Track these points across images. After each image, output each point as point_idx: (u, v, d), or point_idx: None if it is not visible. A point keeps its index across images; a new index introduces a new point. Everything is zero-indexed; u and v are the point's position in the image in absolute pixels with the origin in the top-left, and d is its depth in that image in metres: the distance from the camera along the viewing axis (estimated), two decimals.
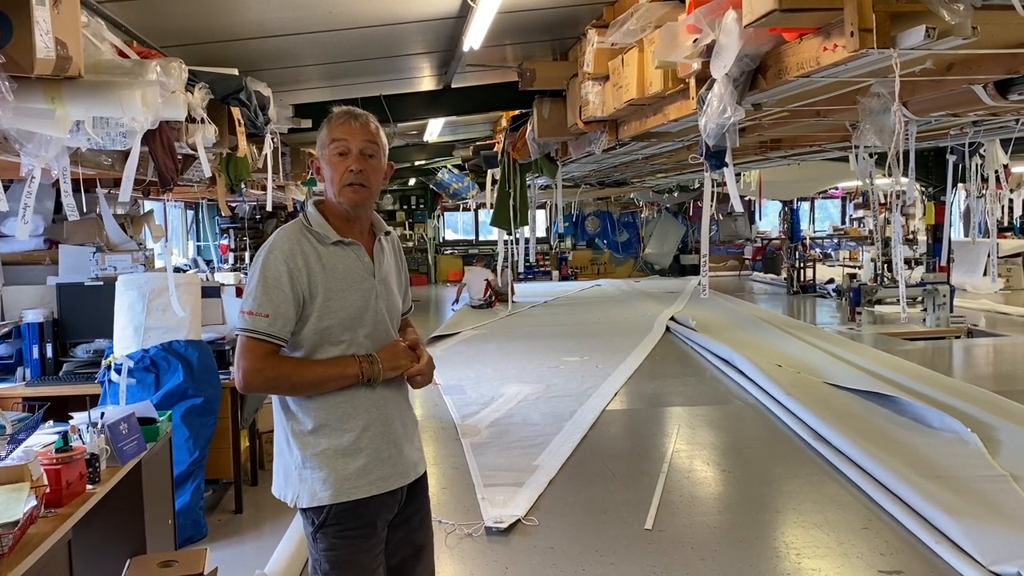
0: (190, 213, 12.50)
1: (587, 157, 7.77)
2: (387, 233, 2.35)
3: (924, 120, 5.21)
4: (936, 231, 10.96)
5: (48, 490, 2.48)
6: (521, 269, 12.38)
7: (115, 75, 2.74)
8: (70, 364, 4.60)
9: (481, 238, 20.47)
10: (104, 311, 4.36)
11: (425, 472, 2.38)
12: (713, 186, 4.78)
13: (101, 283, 4.65)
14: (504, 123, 9.42)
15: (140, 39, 4.22)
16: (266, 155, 5.48)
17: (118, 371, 3.96)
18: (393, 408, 2.26)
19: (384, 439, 2.20)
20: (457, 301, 14.15)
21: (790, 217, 18.11)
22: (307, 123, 6.79)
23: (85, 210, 4.94)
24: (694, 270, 18.66)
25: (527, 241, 11.89)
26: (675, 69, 3.93)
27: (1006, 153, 7.73)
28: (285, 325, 2.10)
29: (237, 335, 2.14)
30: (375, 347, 2.21)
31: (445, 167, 14.91)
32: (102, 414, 2.99)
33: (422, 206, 19.89)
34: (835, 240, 19.22)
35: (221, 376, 4.30)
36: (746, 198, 16.03)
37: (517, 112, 8.48)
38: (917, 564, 3.76)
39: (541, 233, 18.98)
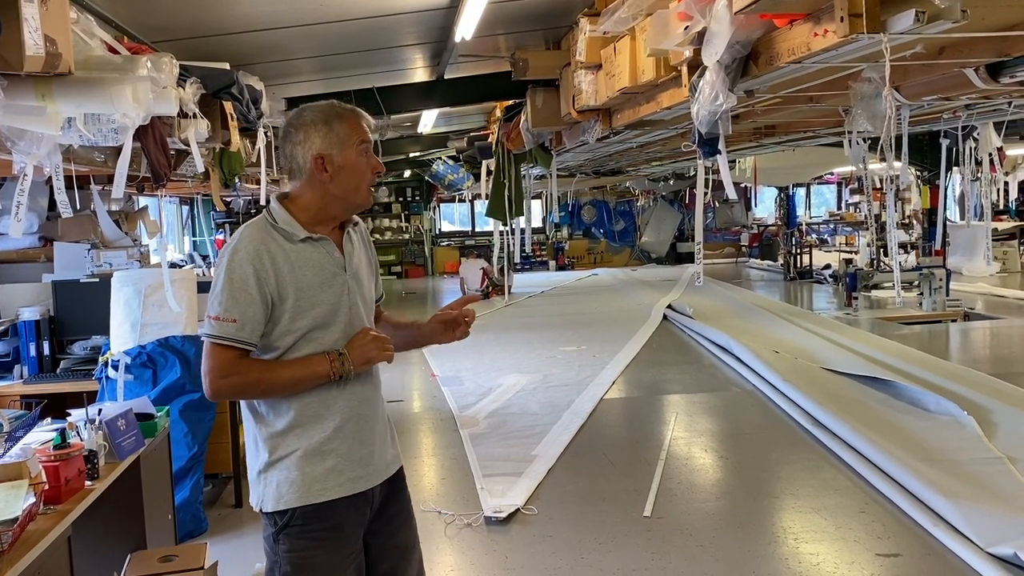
0: (185, 208, 12.50)
1: (581, 146, 7.76)
2: (355, 224, 2.24)
3: (916, 104, 5.20)
4: (931, 215, 10.97)
5: (47, 487, 2.48)
6: (517, 260, 12.37)
7: (105, 71, 2.73)
8: (67, 361, 4.60)
9: (477, 229, 20.45)
10: (100, 308, 4.37)
11: (402, 471, 2.31)
12: (707, 173, 4.78)
13: (97, 280, 4.65)
14: (498, 113, 9.40)
15: (130, 34, 4.20)
16: (259, 149, 5.47)
17: (115, 367, 3.96)
18: (367, 407, 2.17)
19: (356, 439, 2.12)
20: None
21: (786, 203, 18.11)
22: None
23: (79, 207, 4.94)
24: (691, 258, 18.65)
25: (523, 231, 11.89)
26: (667, 57, 3.93)
27: (999, 136, 7.74)
28: (254, 329, 2.02)
29: (203, 340, 2.04)
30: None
31: (440, 158, 14.88)
32: (100, 410, 3.00)
33: (418, 198, 19.87)
34: (831, 226, 19.23)
35: None
36: (742, 185, 16.03)
37: (511, 102, 8.46)
38: (915, 547, 3.78)
39: (537, 223, 18.97)
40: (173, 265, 7.70)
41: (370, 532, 2.19)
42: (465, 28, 5.00)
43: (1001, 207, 16.07)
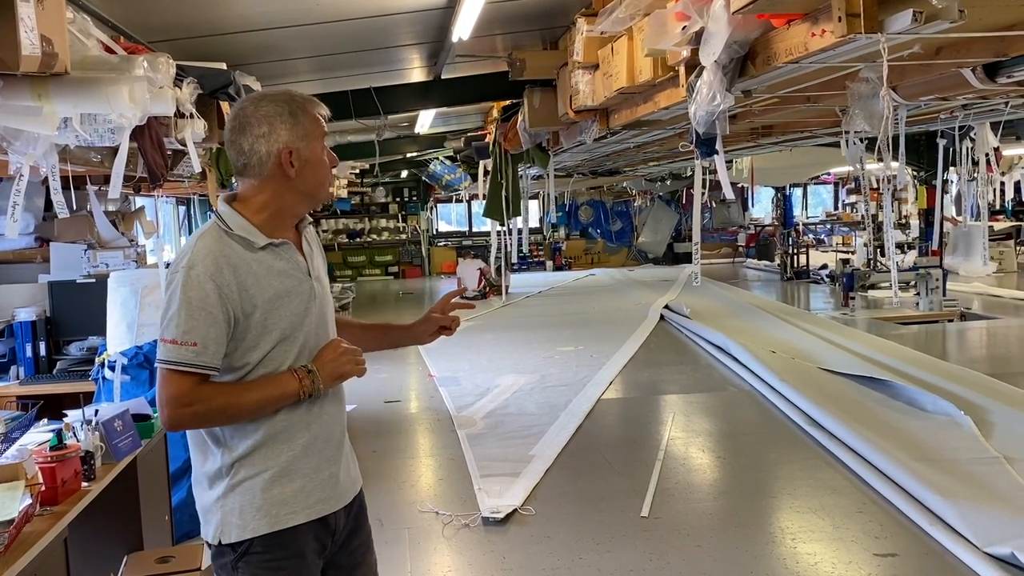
0: (182, 208, 12.46)
1: (579, 146, 7.76)
2: (309, 224, 2.09)
3: (914, 104, 5.21)
4: (928, 215, 10.98)
5: (43, 488, 2.48)
6: (515, 260, 12.36)
7: (102, 71, 2.72)
8: (64, 362, 4.59)
9: (475, 229, 20.45)
10: (97, 308, 4.36)
11: (363, 496, 2.15)
12: (704, 174, 4.78)
13: (93, 280, 4.65)
14: (495, 113, 9.39)
15: (127, 34, 4.19)
16: None
17: (112, 368, 3.95)
18: (334, 424, 2.03)
19: (324, 457, 1.98)
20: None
21: (783, 203, 18.12)
22: None
23: (75, 207, 4.91)
24: (688, 258, 18.63)
25: (520, 232, 11.87)
26: (664, 57, 3.93)
27: (996, 136, 7.75)
28: (216, 352, 1.83)
29: (157, 367, 1.85)
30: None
31: (437, 158, 14.87)
32: (96, 411, 3.00)
33: (415, 198, 19.85)
34: (828, 226, 19.24)
35: None
36: (739, 185, 16.03)
37: (508, 102, 8.46)
38: (912, 546, 3.79)
39: (534, 223, 18.97)
40: (169, 265, 7.69)
41: (332, 564, 2.04)
42: (462, 28, 5.00)
43: (997, 207, 16.10)
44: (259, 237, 1.91)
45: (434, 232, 20.54)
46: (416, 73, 7.43)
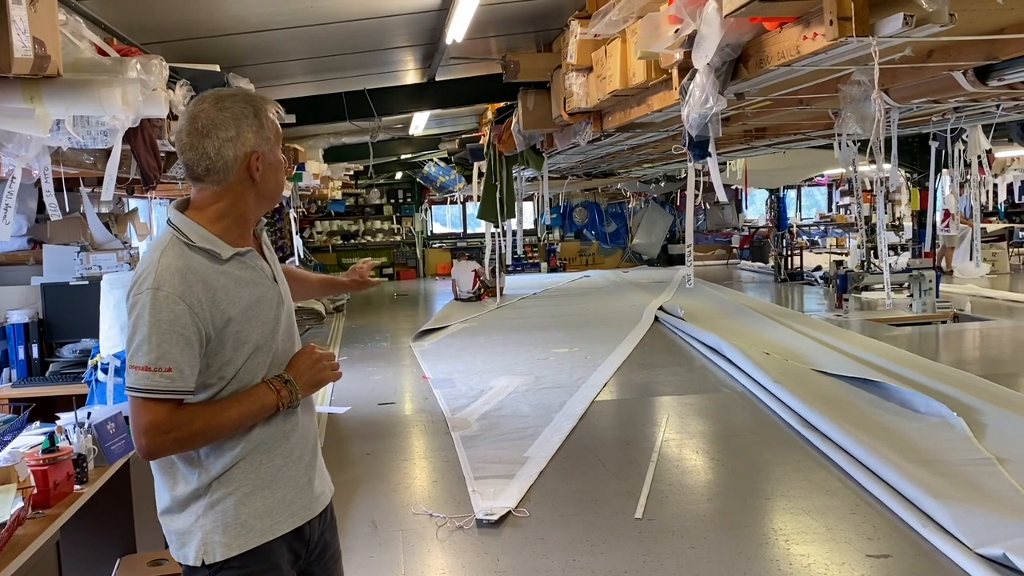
0: None
1: (573, 148, 7.78)
2: (264, 227, 2.03)
3: (906, 107, 5.24)
4: (921, 217, 11.01)
5: (35, 491, 2.47)
6: (509, 261, 12.37)
7: (95, 73, 2.72)
8: (56, 364, 4.58)
9: (469, 231, 20.45)
10: (90, 310, 4.34)
11: (332, 506, 2.10)
12: (697, 176, 4.80)
13: (86, 282, 4.63)
14: (490, 115, 9.41)
15: (120, 36, 4.19)
16: None
17: (105, 370, 3.94)
18: (309, 431, 1.99)
19: (302, 464, 1.94)
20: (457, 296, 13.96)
21: (777, 205, 18.18)
22: (291, 118, 6.77)
23: (68, 209, 4.92)
24: (682, 260, 18.66)
25: (514, 233, 11.88)
26: (658, 60, 3.94)
27: (988, 138, 7.79)
28: (191, 374, 1.75)
29: (128, 395, 1.75)
30: (287, 360, 1.93)
31: (431, 160, 14.88)
32: (89, 414, 2.99)
33: (409, 200, 19.85)
34: (822, 227, 19.30)
35: None
36: (732, 187, 16.07)
37: (502, 104, 8.47)
38: (905, 547, 3.80)
39: (529, 225, 18.99)
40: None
41: (307, 574, 2.02)
42: (456, 30, 5.01)
43: (990, 209, 16.17)
44: (224, 248, 1.82)
45: (428, 234, 20.54)
46: (410, 75, 7.44)
